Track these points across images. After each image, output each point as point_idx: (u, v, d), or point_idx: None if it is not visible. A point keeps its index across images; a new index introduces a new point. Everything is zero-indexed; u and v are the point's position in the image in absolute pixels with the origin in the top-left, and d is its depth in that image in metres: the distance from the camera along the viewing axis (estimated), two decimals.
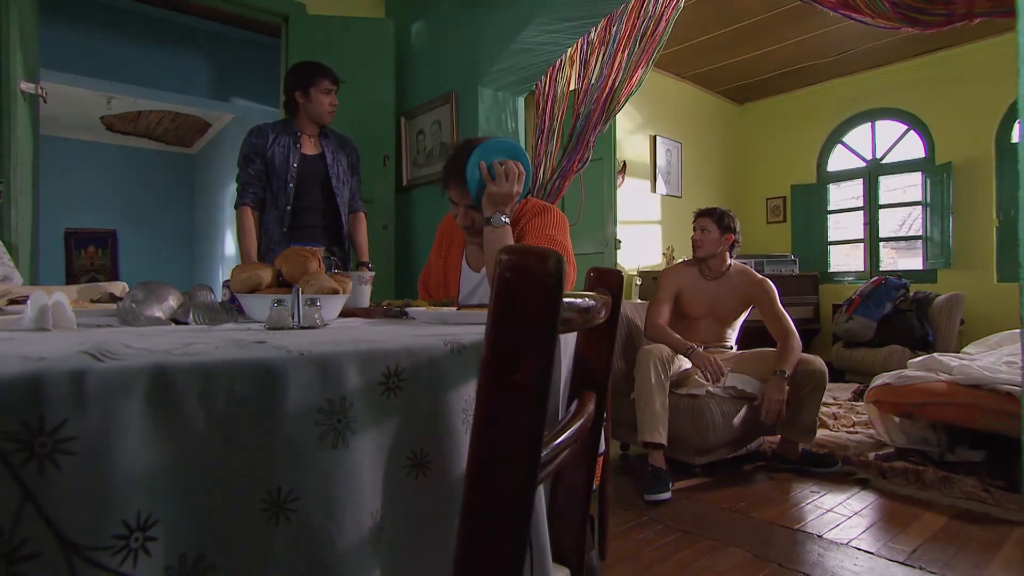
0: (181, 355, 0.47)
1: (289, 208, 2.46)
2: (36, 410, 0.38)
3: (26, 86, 2.18)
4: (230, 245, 7.04)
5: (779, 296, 2.75)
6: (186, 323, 0.95)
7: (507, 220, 1.41)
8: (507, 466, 0.46)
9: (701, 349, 2.60)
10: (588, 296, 0.77)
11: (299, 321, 0.87)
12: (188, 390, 0.45)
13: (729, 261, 2.79)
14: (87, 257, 7.68)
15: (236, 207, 2.45)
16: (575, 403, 0.79)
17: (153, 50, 4.20)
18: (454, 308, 1.13)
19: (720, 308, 2.78)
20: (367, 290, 1.25)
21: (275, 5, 3.36)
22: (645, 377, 2.45)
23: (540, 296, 0.45)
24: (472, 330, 0.73)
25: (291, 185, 2.43)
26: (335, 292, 1.03)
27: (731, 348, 2.88)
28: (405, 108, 3.46)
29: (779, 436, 2.70)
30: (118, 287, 1.95)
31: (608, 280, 0.86)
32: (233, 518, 0.47)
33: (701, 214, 2.82)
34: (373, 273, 1.30)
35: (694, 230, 2.80)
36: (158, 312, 0.93)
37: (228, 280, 1.10)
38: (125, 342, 0.53)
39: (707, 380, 2.55)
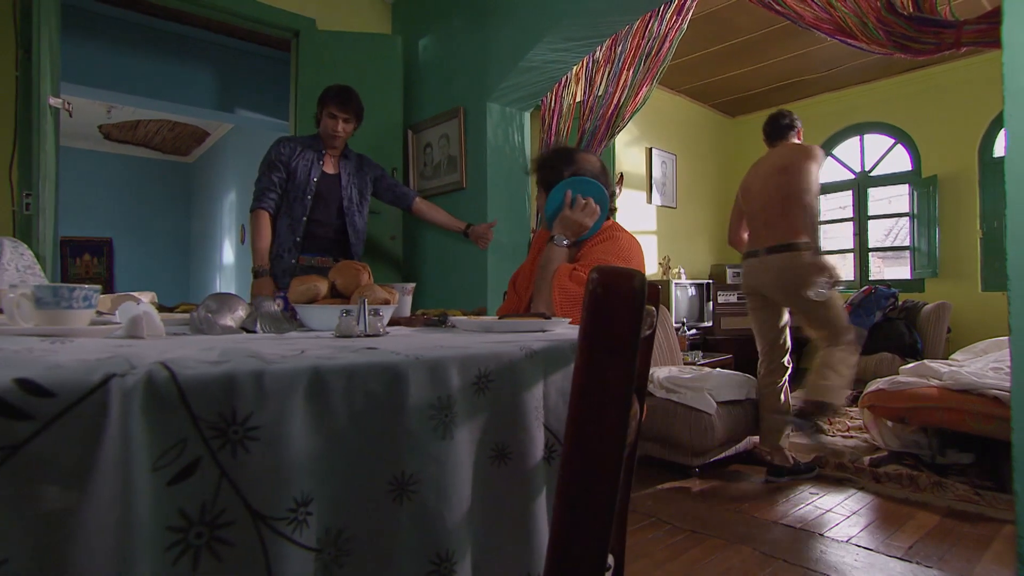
0: (318, 359, 0.55)
1: (304, 219, 2.53)
2: (230, 403, 0.47)
3: (54, 101, 2.24)
4: (227, 254, 7.06)
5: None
6: (254, 331, 1.03)
7: (567, 243, 1.54)
8: (601, 453, 0.55)
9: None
10: None
11: (365, 329, 0.95)
12: (335, 389, 0.53)
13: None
14: (83, 265, 7.67)
15: (252, 210, 2.52)
16: None
17: (159, 62, 4.26)
18: (487, 316, 1.22)
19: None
20: (409, 300, 1.33)
21: (286, 21, 3.44)
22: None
23: (627, 308, 0.54)
24: (535, 337, 0.82)
25: (309, 198, 2.51)
26: (387, 303, 1.12)
27: None
28: (412, 122, 3.55)
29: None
30: (148, 296, 2.02)
31: (649, 293, 0.95)
32: (367, 497, 0.55)
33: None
34: (414, 284, 1.39)
35: None
36: (230, 321, 1.01)
37: (284, 292, 1.18)
38: (254, 349, 0.61)
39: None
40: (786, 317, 2.87)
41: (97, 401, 0.41)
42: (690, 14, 2.86)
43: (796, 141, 2.96)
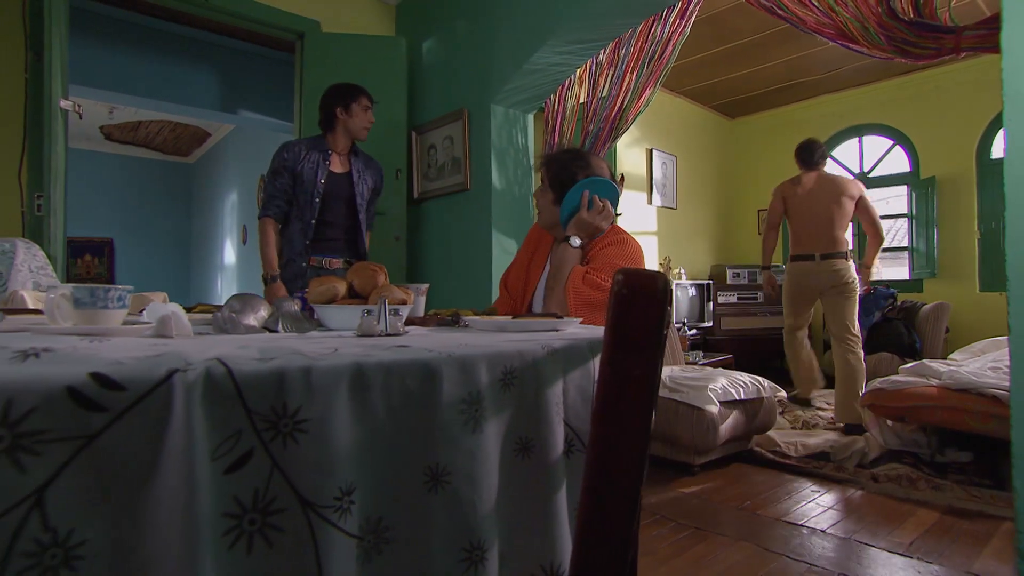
0: (357, 356, 0.58)
1: (313, 222, 2.55)
2: (281, 398, 0.49)
3: (64, 103, 2.27)
4: (229, 254, 7.08)
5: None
6: (276, 331, 1.05)
7: (580, 244, 1.56)
8: (625, 448, 0.57)
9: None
10: None
11: (386, 328, 0.97)
12: (375, 384, 0.56)
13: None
14: (84, 266, 7.68)
15: (259, 218, 2.54)
16: None
17: (163, 63, 4.28)
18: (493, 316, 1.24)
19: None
20: (423, 301, 1.36)
21: (291, 23, 3.46)
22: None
23: (652, 307, 0.57)
24: (553, 336, 0.84)
25: (317, 200, 2.53)
26: (404, 303, 1.14)
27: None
28: (416, 123, 3.58)
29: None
30: (160, 297, 2.04)
31: None
32: (404, 488, 0.58)
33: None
34: (428, 285, 1.41)
35: None
36: (253, 321, 1.04)
37: (304, 292, 1.20)
38: (294, 347, 0.64)
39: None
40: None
41: (163, 394, 0.44)
42: (693, 17, 2.89)
43: (827, 171, 3.75)
